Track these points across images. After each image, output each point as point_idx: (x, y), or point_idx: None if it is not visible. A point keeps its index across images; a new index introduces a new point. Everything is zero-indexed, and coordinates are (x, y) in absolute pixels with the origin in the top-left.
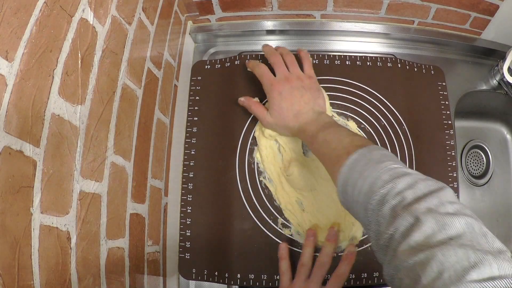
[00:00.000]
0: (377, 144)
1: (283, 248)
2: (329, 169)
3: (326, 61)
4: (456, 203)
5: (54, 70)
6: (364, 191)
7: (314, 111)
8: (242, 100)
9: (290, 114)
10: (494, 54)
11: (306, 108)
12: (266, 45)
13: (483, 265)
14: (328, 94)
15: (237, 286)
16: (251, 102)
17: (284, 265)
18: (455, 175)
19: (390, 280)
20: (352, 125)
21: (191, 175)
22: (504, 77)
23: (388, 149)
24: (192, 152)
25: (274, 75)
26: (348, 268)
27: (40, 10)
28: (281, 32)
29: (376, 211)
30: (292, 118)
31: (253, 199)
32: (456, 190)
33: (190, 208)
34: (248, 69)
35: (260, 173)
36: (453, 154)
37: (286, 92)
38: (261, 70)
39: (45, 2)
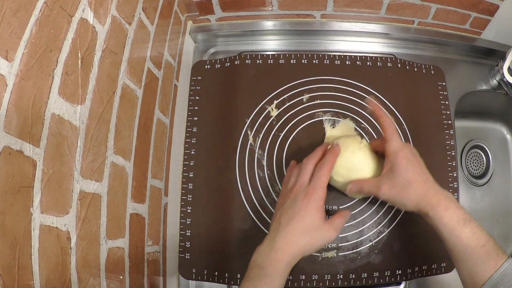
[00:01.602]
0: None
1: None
2: (471, 264)
3: (326, 61)
4: None
5: (54, 70)
6: None
7: (435, 183)
8: (350, 187)
9: (420, 180)
10: (494, 54)
11: (431, 178)
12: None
13: None
14: (328, 94)
15: (237, 286)
16: (360, 182)
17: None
18: (455, 175)
19: None
20: (348, 124)
21: (191, 175)
22: (504, 77)
23: None
24: (192, 152)
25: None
26: (333, 157)
27: (40, 10)
28: (281, 32)
29: None
30: (422, 185)
31: (253, 199)
32: (456, 190)
33: (190, 208)
34: (371, 106)
35: (261, 167)
36: (453, 154)
37: (412, 155)
38: (391, 123)
39: (45, 2)
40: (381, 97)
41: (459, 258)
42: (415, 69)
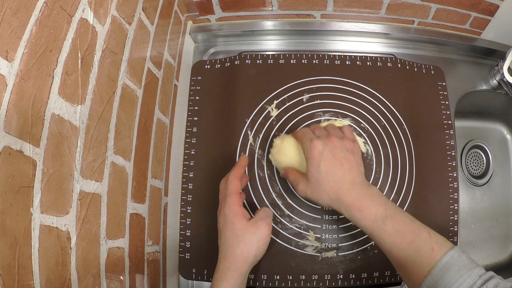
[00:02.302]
0: (370, 145)
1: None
2: (404, 264)
3: (326, 61)
4: None
5: (54, 70)
6: None
7: (359, 182)
8: (282, 172)
9: (331, 180)
10: (494, 54)
11: (350, 176)
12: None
13: None
14: (328, 94)
15: None
16: (287, 171)
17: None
18: (455, 175)
19: None
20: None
21: (191, 175)
22: (504, 77)
23: (388, 151)
24: (192, 152)
25: None
26: (237, 167)
27: (40, 10)
28: (281, 32)
29: None
30: (334, 186)
31: (253, 199)
32: (456, 190)
33: (190, 208)
34: (295, 138)
35: (261, 167)
36: (453, 154)
37: (327, 151)
38: (302, 131)
39: (45, 2)
40: (381, 97)
41: (391, 260)
42: (415, 69)
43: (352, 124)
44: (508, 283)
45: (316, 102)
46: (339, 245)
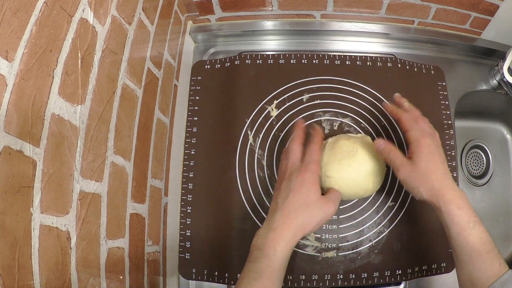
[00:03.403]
0: None
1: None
2: (473, 267)
3: (326, 61)
4: None
5: (54, 70)
6: None
7: (453, 181)
8: (380, 143)
9: (438, 172)
10: (494, 54)
11: (449, 175)
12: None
13: None
14: (328, 94)
15: None
16: (390, 148)
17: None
18: (455, 175)
19: None
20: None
21: (191, 175)
22: (504, 77)
23: None
24: (192, 152)
25: None
26: (316, 135)
27: (40, 10)
28: (281, 32)
29: None
30: (440, 178)
31: (253, 199)
32: None
33: (190, 208)
34: (387, 110)
35: (261, 167)
36: (453, 154)
37: (434, 146)
38: (408, 115)
39: (45, 2)
40: (381, 97)
41: (463, 260)
42: (415, 69)
43: (352, 124)
44: None
45: (316, 102)
46: (339, 245)
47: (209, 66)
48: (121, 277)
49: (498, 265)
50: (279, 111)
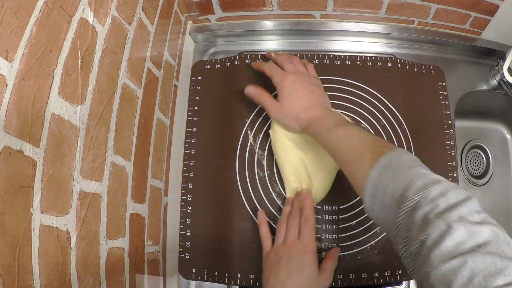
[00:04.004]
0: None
1: (261, 214)
2: (349, 167)
3: (326, 61)
4: (482, 213)
5: (54, 70)
6: (396, 197)
7: (325, 107)
8: (250, 89)
9: (302, 105)
10: (494, 54)
11: (317, 102)
12: (270, 52)
13: (508, 271)
14: (328, 94)
15: (237, 286)
16: (259, 91)
17: (264, 229)
18: (455, 175)
19: (419, 286)
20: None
21: (191, 175)
22: (504, 77)
23: None
24: (192, 152)
25: None
26: (310, 209)
27: (40, 10)
28: (281, 32)
29: (408, 217)
30: (304, 109)
31: (253, 199)
32: None
33: (190, 208)
34: (255, 68)
35: (261, 167)
36: (453, 154)
37: (297, 83)
38: (270, 65)
39: (45, 2)
40: (381, 97)
41: (339, 165)
42: (415, 69)
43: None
44: (462, 191)
45: None
46: (339, 245)
47: (209, 66)
48: (121, 277)
49: (370, 153)
50: None
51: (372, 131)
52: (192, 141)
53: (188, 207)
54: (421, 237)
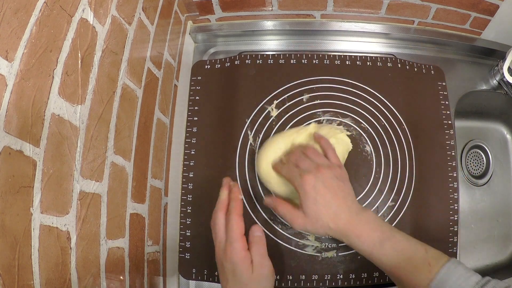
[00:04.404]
0: (368, 146)
1: (227, 179)
2: (404, 281)
3: (326, 61)
4: None
5: (54, 70)
6: None
7: (354, 209)
8: (268, 201)
9: (330, 212)
10: (494, 54)
11: (345, 205)
12: (276, 165)
13: None
14: (328, 94)
15: None
16: (277, 202)
17: (223, 194)
18: (455, 175)
19: None
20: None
21: (191, 175)
22: (504, 77)
23: (388, 151)
24: (192, 152)
25: None
26: (236, 206)
27: (40, 10)
28: (281, 32)
29: None
30: (333, 217)
31: (253, 199)
32: (456, 190)
33: (190, 208)
34: (276, 171)
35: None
36: (453, 154)
37: (319, 184)
38: (287, 168)
39: (45, 2)
40: (381, 97)
41: (391, 277)
42: (415, 69)
43: (352, 124)
44: (502, 283)
45: (316, 102)
46: (339, 245)
47: (209, 66)
48: (121, 277)
49: (428, 265)
50: (279, 111)
51: (372, 131)
52: (192, 141)
53: (188, 207)
54: None
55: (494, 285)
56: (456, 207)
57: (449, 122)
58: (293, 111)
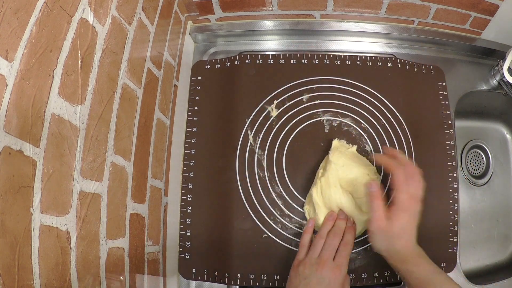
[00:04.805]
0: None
1: (310, 222)
2: None
3: (326, 61)
4: None
5: (54, 70)
6: None
7: (414, 239)
8: (372, 185)
9: (405, 237)
10: (494, 54)
11: (412, 234)
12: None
13: None
14: (328, 94)
15: (237, 286)
16: (376, 194)
17: (306, 238)
18: (455, 175)
19: None
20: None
21: (191, 175)
22: (504, 77)
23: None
24: (192, 152)
25: None
26: (353, 235)
27: (40, 10)
28: (281, 32)
29: None
30: (404, 243)
31: (253, 199)
32: (456, 190)
33: (190, 208)
34: (382, 164)
35: (261, 167)
36: (453, 154)
37: (415, 212)
38: (412, 175)
39: (45, 2)
40: (381, 97)
41: None
42: (415, 69)
43: (352, 124)
44: None
45: (316, 102)
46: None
47: (209, 66)
48: (121, 277)
49: None
50: (279, 111)
51: (372, 131)
52: (192, 141)
53: (188, 207)
54: None
55: None
56: (456, 207)
57: (449, 122)
58: (293, 111)
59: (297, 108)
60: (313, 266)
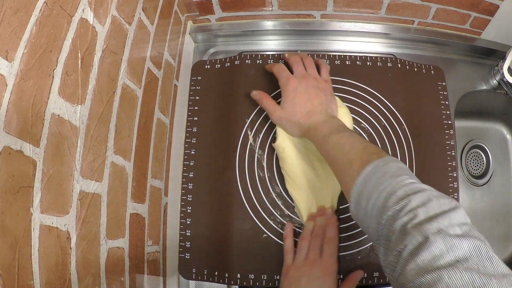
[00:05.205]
0: (377, 145)
1: (288, 227)
2: (340, 174)
3: (326, 61)
4: (466, 225)
5: (54, 70)
6: (378, 206)
7: (327, 113)
8: (255, 93)
9: (303, 111)
10: (494, 54)
11: (319, 108)
12: (286, 53)
13: None
14: None
15: (237, 286)
16: (263, 95)
17: (289, 243)
18: (455, 175)
19: None
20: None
21: (191, 175)
22: (504, 77)
23: (388, 151)
24: (192, 152)
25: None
26: (334, 231)
27: (40, 10)
28: (281, 32)
29: (388, 227)
30: (304, 115)
31: (253, 199)
32: (456, 190)
33: (190, 208)
34: (267, 70)
35: (261, 167)
36: (453, 154)
37: (301, 88)
38: (279, 67)
39: (45, 2)
40: (381, 97)
41: (333, 171)
42: (415, 69)
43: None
44: (445, 200)
45: None
46: (339, 245)
47: (209, 66)
48: (121, 277)
49: (359, 160)
50: None
51: (372, 131)
52: (192, 141)
53: (188, 207)
54: (398, 247)
55: (428, 199)
56: None
57: (449, 122)
58: None
59: None
60: (302, 268)
